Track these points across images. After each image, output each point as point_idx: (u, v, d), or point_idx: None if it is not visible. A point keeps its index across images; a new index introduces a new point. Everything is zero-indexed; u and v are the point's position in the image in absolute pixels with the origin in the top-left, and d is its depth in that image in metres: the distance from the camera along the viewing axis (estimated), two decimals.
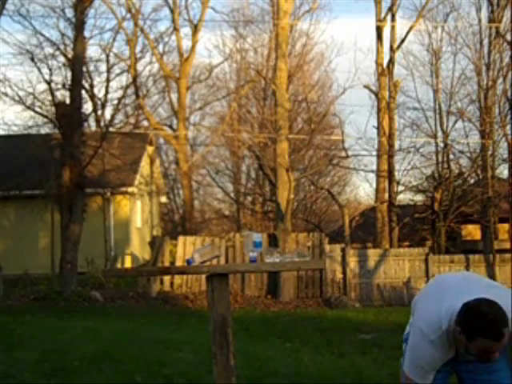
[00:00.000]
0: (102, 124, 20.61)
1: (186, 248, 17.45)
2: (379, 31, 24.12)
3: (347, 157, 24.79)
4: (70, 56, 17.53)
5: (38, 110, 18.39)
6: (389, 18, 23.96)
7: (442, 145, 23.97)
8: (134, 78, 26.19)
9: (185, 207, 30.27)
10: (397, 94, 23.84)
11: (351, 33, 51.29)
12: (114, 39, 35.50)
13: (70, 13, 18.07)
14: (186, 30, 38.89)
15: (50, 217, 18.62)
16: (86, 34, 18.00)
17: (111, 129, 20.67)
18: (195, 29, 29.42)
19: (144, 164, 24.15)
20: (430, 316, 3.17)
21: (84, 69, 18.35)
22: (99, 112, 20.68)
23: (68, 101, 16.92)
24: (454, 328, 3.04)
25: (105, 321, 12.01)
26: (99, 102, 20.16)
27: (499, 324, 2.91)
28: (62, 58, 18.20)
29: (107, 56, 22.02)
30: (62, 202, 16.39)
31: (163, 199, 29.84)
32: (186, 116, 30.63)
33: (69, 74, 17.19)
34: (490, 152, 21.87)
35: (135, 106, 26.10)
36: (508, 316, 2.95)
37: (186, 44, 31.26)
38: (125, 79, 33.94)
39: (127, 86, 23.92)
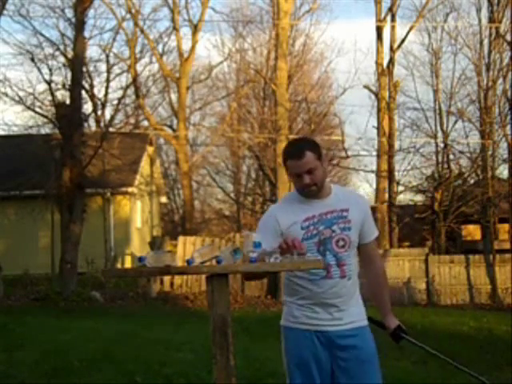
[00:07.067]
0: (102, 124, 20.62)
1: (186, 248, 17.43)
2: (379, 31, 24.11)
3: (347, 157, 24.79)
4: (69, 56, 17.54)
5: (38, 110, 18.43)
6: (389, 18, 23.96)
7: (441, 145, 23.98)
8: (134, 78, 26.19)
9: (185, 207, 30.25)
10: (397, 94, 23.83)
11: (351, 33, 51.29)
12: (114, 39, 35.55)
13: (69, 13, 18.16)
14: (185, 30, 38.89)
15: (50, 217, 18.60)
16: (86, 34, 18.04)
17: (111, 129, 20.68)
18: (195, 29, 29.41)
19: (144, 164, 24.15)
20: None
21: (84, 69, 18.36)
22: (99, 112, 20.72)
23: (68, 101, 16.91)
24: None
25: (105, 321, 12.00)
26: (99, 102, 20.21)
27: (300, 144, 3.23)
28: (62, 59, 18.26)
29: (107, 56, 22.10)
30: (62, 202, 16.37)
31: (163, 199, 29.87)
32: (186, 116, 30.61)
33: (69, 75, 17.20)
34: (490, 152, 21.85)
35: (135, 106, 26.10)
36: (316, 144, 3.26)
37: (186, 44, 31.30)
38: (125, 79, 33.98)
39: (127, 86, 23.98)
